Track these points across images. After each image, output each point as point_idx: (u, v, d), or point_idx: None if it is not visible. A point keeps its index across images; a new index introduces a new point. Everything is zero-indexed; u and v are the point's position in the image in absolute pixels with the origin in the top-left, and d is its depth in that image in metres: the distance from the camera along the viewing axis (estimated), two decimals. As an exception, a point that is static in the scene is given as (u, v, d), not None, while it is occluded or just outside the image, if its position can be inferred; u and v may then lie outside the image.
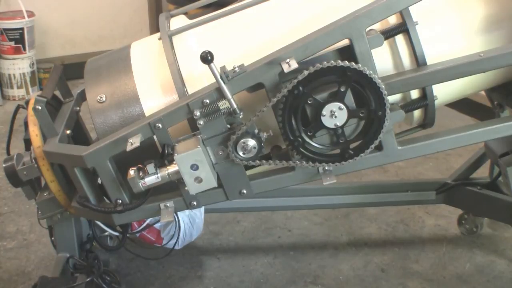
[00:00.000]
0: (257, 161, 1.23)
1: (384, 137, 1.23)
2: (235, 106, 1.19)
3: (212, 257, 1.98)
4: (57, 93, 1.53)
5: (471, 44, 1.29)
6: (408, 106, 1.31)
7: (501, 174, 1.78)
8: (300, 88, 1.17)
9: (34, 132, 1.38)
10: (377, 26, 1.22)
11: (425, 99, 1.30)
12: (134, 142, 1.20)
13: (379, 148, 1.27)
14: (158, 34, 1.43)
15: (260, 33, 1.35)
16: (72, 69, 2.42)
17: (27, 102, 1.45)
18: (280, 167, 1.31)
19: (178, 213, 1.84)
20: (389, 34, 1.24)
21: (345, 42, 1.20)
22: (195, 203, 1.32)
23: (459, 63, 1.21)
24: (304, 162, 1.24)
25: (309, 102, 1.18)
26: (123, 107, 1.31)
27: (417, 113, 1.35)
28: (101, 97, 1.33)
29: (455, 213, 2.09)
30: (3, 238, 2.06)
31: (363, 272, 1.88)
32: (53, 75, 1.52)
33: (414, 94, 1.31)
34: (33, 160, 1.39)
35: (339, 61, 1.15)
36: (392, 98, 1.27)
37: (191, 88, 1.29)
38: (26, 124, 1.42)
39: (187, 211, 1.88)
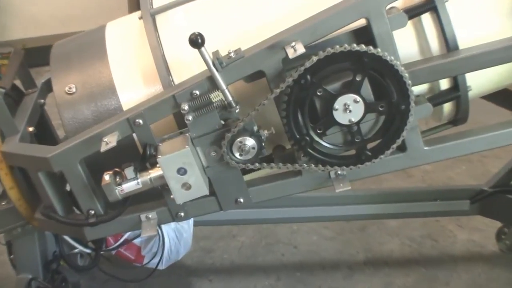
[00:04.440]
0: (257, 164, 1.23)
1: (408, 136, 1.23)
2: (230, 98, 1.19)
3: (203, 278, 1.98)
4: (18, 82, 1.53)
5: (512, 25, 1.29)
6: (436, 98, 1.31)
7: (548, 180, 1.78)
8: (308, 77, 1.17)
9: (-10, 129, 1.38)
10: (400, 4, 1.22)
11: (457, 90, 1.30)
12: (110, 141, 1.20)
13: (402, 148, 1.27)
14: (138, 13, 1.43)
15: (260, 11, 1.35)
16: (36, 54, 2.42)
17: (-19, 94, 1.45)
18: (284, 171, 1.31)
19: (163, 226, 1.84)
20: (414, 12, 1.24)
21: (361, 22, 1.20)
22: (182, 214, 1.32)
23: (499, 47, 1.21)
24: (312, 165, 1.24)
25: (318, 93, 1.18)
26: (97, 99, 1.32)
27: (447, 107, 1.35)
28: (70, 88, 1.33)
29: (492, 226, 2.09)
30: (-47, 256, 2.06)
31: (383, 296, 1.88)
32: (12, 61, 1.52)
33: (444, 84, 1.31)
34: (-11, 163, 1.39)
35: (354, 45, 1.15)
36: (418, 89, 1.27)
37: (178, 77, 1.29)
38: (-20, 120, 1.42)
39: (172, 224, 1.88)
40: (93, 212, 1.29)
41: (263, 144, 1.22)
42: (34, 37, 3.80)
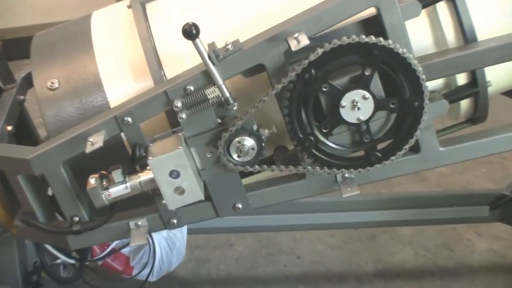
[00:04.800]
0: (256, 166, 1.24)
1: (421, 135, 1.23)
2: (227, 94, 1.19)
3: (198, 291, 1.98)
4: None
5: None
6: (453, 94, 1.31)
7: None
8: (313, 71, 1.17)
9: (-35, 128, 1.38)
10: (413, -9, 1.23)
11: (475, 86, 1.30)
12: (96, 141, 1.20)
13: (416, 149, 1.27)
14: (127, 1, 1.43)
15: (260, -1, 1.35)
16: (15, 46, 2.42)
17: (-45, 90, 1.45)
18: (286, 174, 1.31)
19: (153, 234, 1.84)
20: (428, 1, 1.24)
21: (371, 11, 1.20)
22: (175, 221, 1.32)
23: (520, 39, 1.21)
24: (317, 167, 1.24)
25: (323, 89, 1.18)
26: (82, 95, 1.32)
27: (464, 104, 1.35)
28: (52, 83, 1.33)
29: (514, 234, 2.10)
30: None
31: (395, 311, 1.89)
32: (-11, 54, 1.52)
33: (461, 79, 1.31)
34: (-36, 165, 1.39)
35: (363, 37, 1.15)
36: (432, 85, 1.27)
37: (170, 71, 1.29)
38: (-46, 118, 1.42)
39: (164, 232, 1.88)
40: (77, 219, 1.29)
41: (263, 144, 1.22)
42: (13, 28, 3.80)
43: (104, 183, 1.23)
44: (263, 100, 1.19)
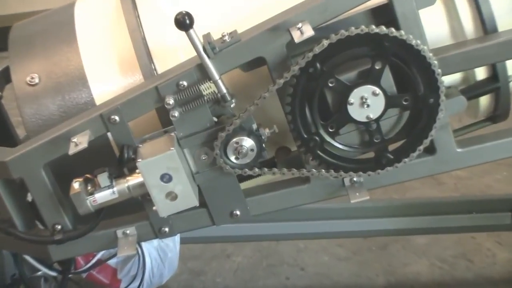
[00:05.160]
0: (256, 169, 1.24)
1: (437, 135, 1.23)
2: (224, 90, 1.19)
3: (192, 307, 1.98)
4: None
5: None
6: (471, 90, 1.32)
7: None
8: (318, 65, 1.17)
9: None
10: (428, -23, 1.23)
11: (496, 81, 1.30)
12: (80, 142, 1.20)
13: (431, 150, 1.28)
14: (114, -12, 1.43)
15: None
16: (-9, 38, 2.42)
17: None
18: (289, 178, 1.31)
19: (143, 244, 1.84)
20: (444, -13, 1.25)
21: (381, -1, 1.20)
22: (167, 229, 1.32)
23: (545, 30, 1.22)
24: (323, 170, 1.24)
25: (330, 85, 1.19)
26: (64, 92, 1.32)
27: (484, 101, 1.36)
28: (32, 78, 1.33)
29: (539, 243, 2.11)
30: None
31: (408, 328, 1.89)
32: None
33: (480, 73, 1.32)
34: None
35: (373, 27, 1.15)
36: (449, 80, 1.27)
37: (162, 65, 1.29)
38: None
39: (155, 242, 1.88)
40: (59, 227, 1.29)
41: (263, 145, 1.23)
42: (-11, 17, 3.80)
43: (89, 187, 1.23)
44: (264, 97, 1.19)
